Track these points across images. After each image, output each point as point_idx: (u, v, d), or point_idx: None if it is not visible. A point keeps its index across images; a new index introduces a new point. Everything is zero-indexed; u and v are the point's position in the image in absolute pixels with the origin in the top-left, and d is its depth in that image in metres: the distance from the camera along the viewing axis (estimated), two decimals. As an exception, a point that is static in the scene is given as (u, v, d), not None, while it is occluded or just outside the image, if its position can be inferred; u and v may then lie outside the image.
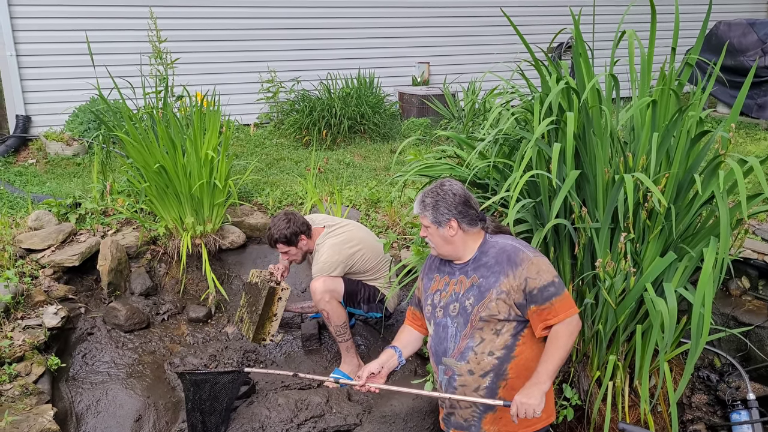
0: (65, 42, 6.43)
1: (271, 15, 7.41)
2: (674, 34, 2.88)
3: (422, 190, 2.54)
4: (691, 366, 2.66)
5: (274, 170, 5.91)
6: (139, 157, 4.11)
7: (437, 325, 2.50)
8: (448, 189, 2.43)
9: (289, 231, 3.51)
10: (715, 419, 3.48)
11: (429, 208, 2.43)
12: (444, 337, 2.46)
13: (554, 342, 2.34)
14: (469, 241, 2.45)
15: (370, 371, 2.55)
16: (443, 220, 2.40)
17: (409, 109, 7.71)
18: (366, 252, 3.66)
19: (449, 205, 2.40)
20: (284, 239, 3.53)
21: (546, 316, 2.34)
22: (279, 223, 3.52)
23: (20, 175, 5.66)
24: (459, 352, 2.43)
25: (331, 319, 3.54)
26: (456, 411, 2.53)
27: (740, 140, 6.55)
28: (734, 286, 3.86)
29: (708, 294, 2.56)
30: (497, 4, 8.07)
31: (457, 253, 2.46)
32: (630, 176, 2.58)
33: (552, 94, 2.76)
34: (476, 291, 2.39)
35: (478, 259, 2.44)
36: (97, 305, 4.03)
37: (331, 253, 3.54)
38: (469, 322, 2.39)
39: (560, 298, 2.35)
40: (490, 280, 2.38)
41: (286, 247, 3.57)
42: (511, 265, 2.37)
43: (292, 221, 3.53)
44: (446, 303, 2.47)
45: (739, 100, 2.82)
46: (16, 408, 2.98)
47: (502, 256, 2.40)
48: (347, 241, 3.61)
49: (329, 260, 3.53)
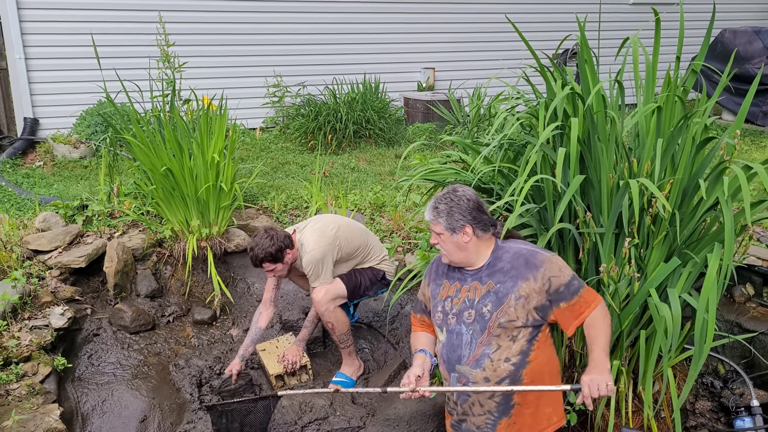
0: (73, 45, 6.48)
1: (277, 20, 7.46)
2: (679, 41, 2.89)
3: (433, 196, 2.48)
4: (694, 372, 2.66)
5: (279, 174, 5.94)
6: (146, 159, 4.14)
7: (450, 333, 2.44)
8: (462, 195, 2.38)
9: (274, 248, 3.34)
10: (718, 426, 3.48)
11: (443, 215, 2.36)
12: (458, 344, 2.41)
13: (595, 327, 2.31)
14: (481, 247, 2.41)
15: (416, 375, 2.45)
16: (458, 226, 2.35)
17: (414, 115, 7.74)
18: (347, 230, 3.57)
19: (463, 210, 2.35)
20: (270, 257, 3.36)
21: (580, 310, 2.32)
22: (262, 242, 3.34)
23: (28, 177, 5.71)
24: (474, 360, 2.38)
25: (335, 330, 3.53)
26: (468, 418, 2.49)
27: (745, 148, 6.56)
28: (738, 293, 3.86)
29: (712, 300, 2.56)
30: (502, 11, 8.15)
31: (469, 260, 2.42)
32: (635, 181, 2.59)
33: (557, 99, 2.77)
34: (493, 297, 2.35)
35: (492, 264, 2.40)
36: (103, 306, 4.06)
37: (316, 239, 3.44)
38: (486, 329, 2.35)
39: (585, 289, 2.34)
40: (508, 285, 2.34)
41: (272, 265, 3.41)
42: (530, 268, 2.34)
43: (275, 237, 3.36)
44: (459, 310, 2.42)
45: (744, 107, 2.83)
46: (23, 407, 3.00)
47: (519, 260, 2.37)
48: (325, 225, 3.52)
49: (317, 248, 3.41)
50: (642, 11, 9.32)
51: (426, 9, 8.22)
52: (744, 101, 2.81)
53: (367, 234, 3.73)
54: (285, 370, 3.61)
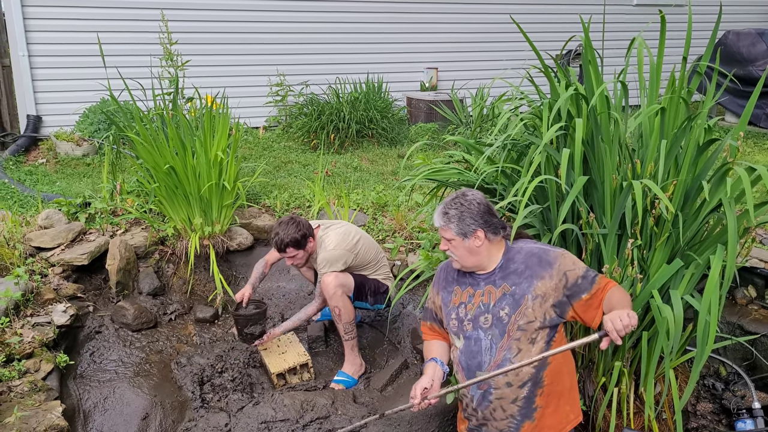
0: (77, 43, 6.49)
1: (281, 19, 7.46)
2: (686, 43, 2.89)
3: (441, 201, 2.46)
4: (696, 373, 2.66)
5: (282, 173, 5.94)
6: (149, 157, 4.14)
7: (468, 339, 2.40)
8: (472, 199, 2.36)
9: (300, 234, 3.52)
10: (719, 428, 3.47)
11: (454, 220, 2.34)
12: (477, 350, 2.37)
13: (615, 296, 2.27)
14: (493, 250, 2.39)
15: (423, 386, 2.42)
16: (469, 231, 2.33)
17: (417, 114, 7.74)
18: (366, 242, 3.73)
19: (474, 215, 2.33)
20: (295, 243, 3.53)
21: (601, 295, 2.30)
22: (288, 228, 3.51)
23: (30, 174, 5.71)
24: (496, 365, 2.34)
25: (342, 316, 3.56)
26: (489, 423, 2.43)
27: (748, 150, 6.55)
28: (741, 295, 3.85)
29: (714, 301, 2.56)
30: (506, 11, 8.15)
31: (481, 264, 2.39)
32: (638, 183, 2.59)
33: (561, 100, 2.77)
34: (510, 299, 2.33)
35: (505, 267, 2.38)
36: (106, 304, 4.06)
37: (338, 241, 3.58)
38: (506, 332, 2.32)
39: (600, 276, 2.34)
40: (524, 285, 2.32)
41: (295, 251, 3.57)
42: (544, 265, 2.33)
43: (301, 224, 3.54)
44: (474, 315, 2.39)
45: (747, 109, 2.83)
46: (25, 404, 3.01)
47: (532, 259, 2.35)
48: (348, 232, 3.67)
49: (337, 249, 3.56)
50: (645, 12, 9.31)
51: (430, 9, 8.22)
52: (748, 103, 2.81)
53: (380, 252, 3.87)
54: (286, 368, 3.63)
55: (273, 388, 3.63)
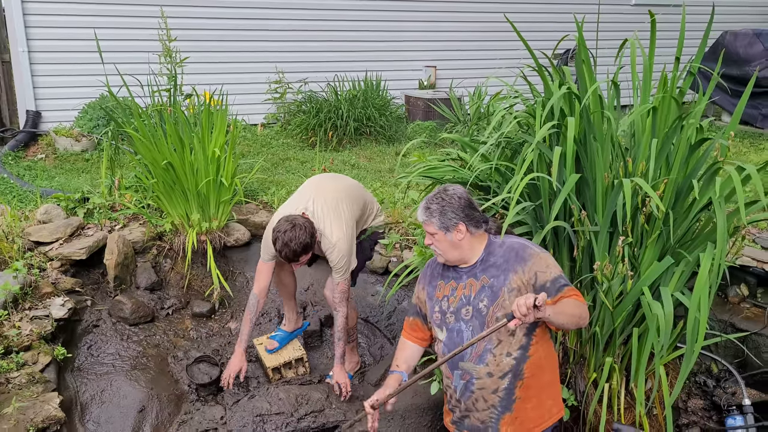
0: (76, 39, 6.50)
1: (280, 16, 7.48)
2: (679, 43, 2.92)
3: (425, 197, 2.52)
4: (686, 369, 2.69)
5: (280, 170, 5.97)
6: (148, 153, 4.17)
7: (450, 331, 2.46)
8: (453, 193, 2.42)
9: (309, 236, 3.17)
10: (710, 424, 3.51)
11: (435, 214, 2.40)
12: (459, 342, 2.42)
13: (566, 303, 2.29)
14: (475, 244, 2.45)
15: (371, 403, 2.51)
16: (451, 224, 2.38)
17: (415, 112, 7.76)
18: (348, 202, 3.43)
19: (456, 209, 2.39)
20: (309, 248, 3.19)
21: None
22: (296, 234, 3.12)
23: (29, 169, 5.74)
24: (477, 356, 2.41)
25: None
26: (472, 414, 2.50)
27: (743, 149, 6.58)
28: (733, 294, 3.89)
29: (704, 298, 2.59)
30: (504, 10, 8.16)
31: (464, 257, 2.45)
32: (629, 181, 2.62)
33: (554, 98, 2.80)
34: (489, 292, 2.38)
35: (485, 260, 2.44)
36: (103, 298, 4.09)
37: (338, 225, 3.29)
38: (485, 323, 2.37)
39: (570, 287, 2.37)
40: (501, 278, 2.38)
41: (306, 255, 3.24)
42: (519, 260, 2.38)
43: (304, 226, 3.17)
44: (457, 307, 2.45)
45: (738, 108, 2.87)
46: (23, 395, 3.04)
47: (511, 253, 2.41)
48: (336, 206, 3.34)
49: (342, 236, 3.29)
50: (643, 12, 9.32)
51: (428, 7, 8.24)
52: (739, 102, 2.85)
53: (361, 189, 3.62)
54: (282, 362, 3.66)
55: (269, 382, 3.66)
